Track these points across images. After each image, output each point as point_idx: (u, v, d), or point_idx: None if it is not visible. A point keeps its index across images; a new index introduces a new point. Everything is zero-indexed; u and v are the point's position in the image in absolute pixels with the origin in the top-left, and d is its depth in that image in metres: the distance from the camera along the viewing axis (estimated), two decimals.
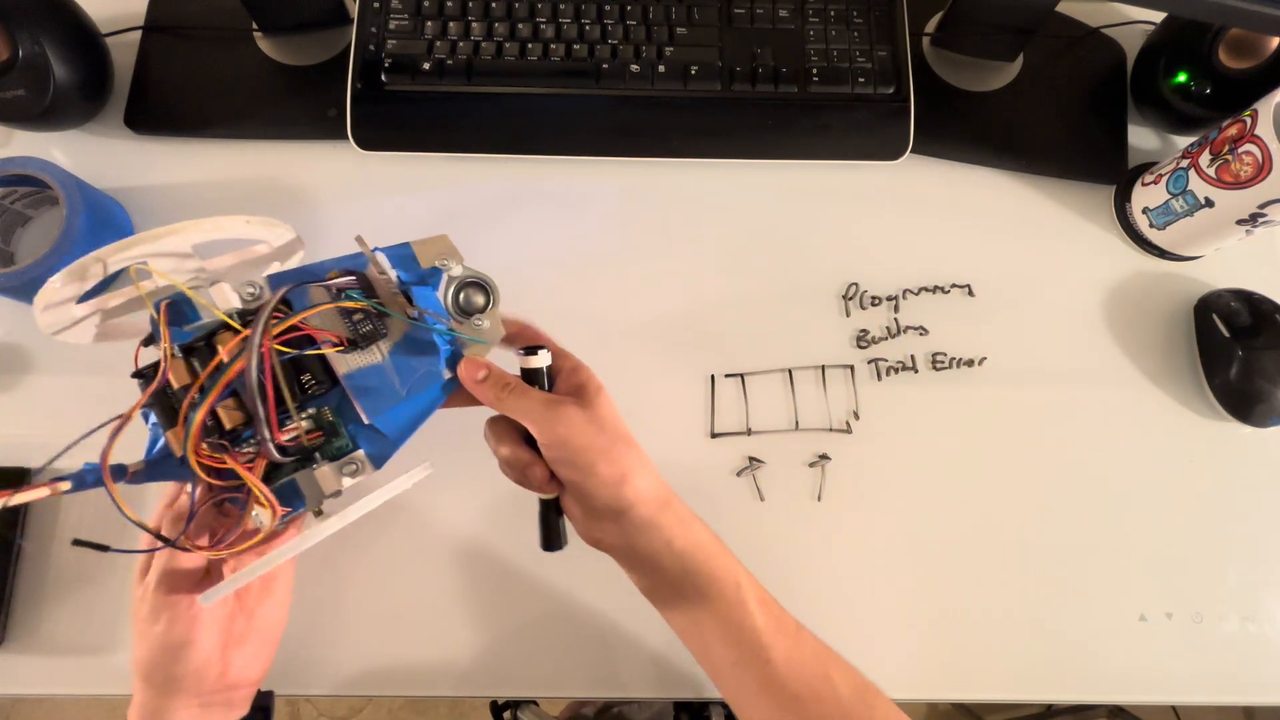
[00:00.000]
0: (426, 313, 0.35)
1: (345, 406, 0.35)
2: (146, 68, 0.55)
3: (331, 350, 0.34)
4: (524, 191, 0.54)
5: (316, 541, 0.33)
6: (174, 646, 0.36)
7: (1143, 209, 0.53)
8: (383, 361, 0.35)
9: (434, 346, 0.36)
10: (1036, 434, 0.50)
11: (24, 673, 0.44)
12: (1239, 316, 0.50)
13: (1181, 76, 0.53)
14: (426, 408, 0.37)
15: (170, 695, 0.36)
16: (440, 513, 0.47)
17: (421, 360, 0.35)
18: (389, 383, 0.35)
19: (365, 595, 0.45)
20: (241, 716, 0.38)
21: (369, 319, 0.35)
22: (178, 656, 0.36)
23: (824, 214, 0.54)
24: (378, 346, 0.35)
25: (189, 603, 0.36)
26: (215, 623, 0.37)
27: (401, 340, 0.35)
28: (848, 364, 0.51)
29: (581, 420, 0.35)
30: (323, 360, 0.35)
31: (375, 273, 0.36)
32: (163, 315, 0.33)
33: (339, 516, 0.33)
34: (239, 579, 0.33)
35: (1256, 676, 0.46)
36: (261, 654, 0.40)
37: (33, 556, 0.45)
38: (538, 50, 0.53)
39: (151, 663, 0.36)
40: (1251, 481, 0.50)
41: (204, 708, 0.37)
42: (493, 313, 0.37)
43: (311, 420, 0.34)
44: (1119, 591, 0.47)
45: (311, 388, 0.34)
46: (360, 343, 0.35)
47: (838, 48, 0.55)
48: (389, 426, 0.35)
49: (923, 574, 0.47)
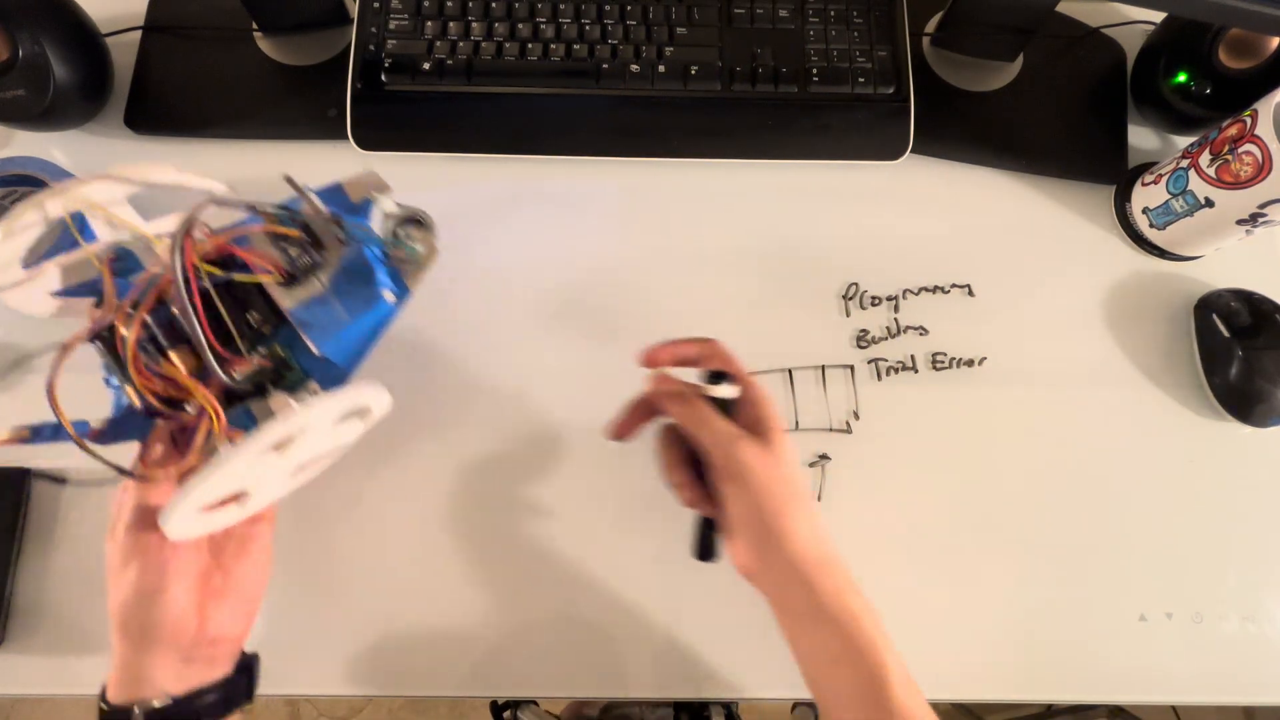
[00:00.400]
0: (360, 226, 0.36)
1: (295, 342, 0.36)
2: (146, 68, 0.55)
3: (268, 279, 0.35)
4: (524, 191, 0.54)
5: (267, 443, 0.32)
6: (147, 592, 0.36)
7: (1143, 209, 0.53)
8: (324, 291, 0.36)
9: (370, 268, 0.36)
10: (1036, 434, 0.50)
11: (24, 673, 0.44)
12: (1239, 316, 0.50)
13: (1181, 76, 0.53)
14: (372, 332, 0.37)
15: (148, 648, 0.35)
16: (440, 513, 0.47)
17: (361, 284, 0.36)
18: (333, 311, 0.35)
19: (365, 595, 0.45)
20: (225, 675, 0.38)
21: (305, 251, 0.35)
22: (152, 603, 0.35)
23: (824, 214, 0.54)
24: (317, 278, 0.36)
25: (159, 544, 0.36)
26: (189, 573, 0.37)
27: (340, 270, 0.36)
28: (848, 364, 0.51)
29: (762, 461, 0.36)
30: (268, 301, 0.35)
31: (310, 211, 0.36)
32: (105, 266, 0.34)
33: (282, 416, 0.32)
34: (191, 488, 0.32)
35: (1256, 676, 0.46)
36: (241, 612, 0.39)
37: (32, 556, 0.45)
38: (538, 50, 0.53)
39: (126, 611, 0.36)
40: (1251, 481, 0.50)
41: (185, 663, 0.36)
42: (425, 237, 0.38)
43: (263, 357, 0.35)
44: (1119, 591, 0.47)
45: (259, 325, 0.35)
46: (299, 275, 0.35)
47: (838, 48, 0.55)
48: (338, 354, 0.36)
49: (922, 574, 0.47)
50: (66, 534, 0.46)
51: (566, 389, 0.49)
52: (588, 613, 0.46)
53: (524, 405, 0.49)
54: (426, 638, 0.45)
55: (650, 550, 0.47)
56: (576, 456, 0.48)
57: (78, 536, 0.46)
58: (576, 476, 0.48)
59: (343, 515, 0.47)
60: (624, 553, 0.47)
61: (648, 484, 0.48)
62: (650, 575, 0.46)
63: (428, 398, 0.49)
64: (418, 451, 0.48)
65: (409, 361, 0.50)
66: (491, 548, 0.47)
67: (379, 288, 0.36)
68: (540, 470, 0.48)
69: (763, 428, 0.37)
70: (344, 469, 0.47)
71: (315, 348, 0.35)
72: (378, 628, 0.45)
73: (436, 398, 0.49)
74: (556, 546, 0.46)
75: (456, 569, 0.46)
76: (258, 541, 0.40)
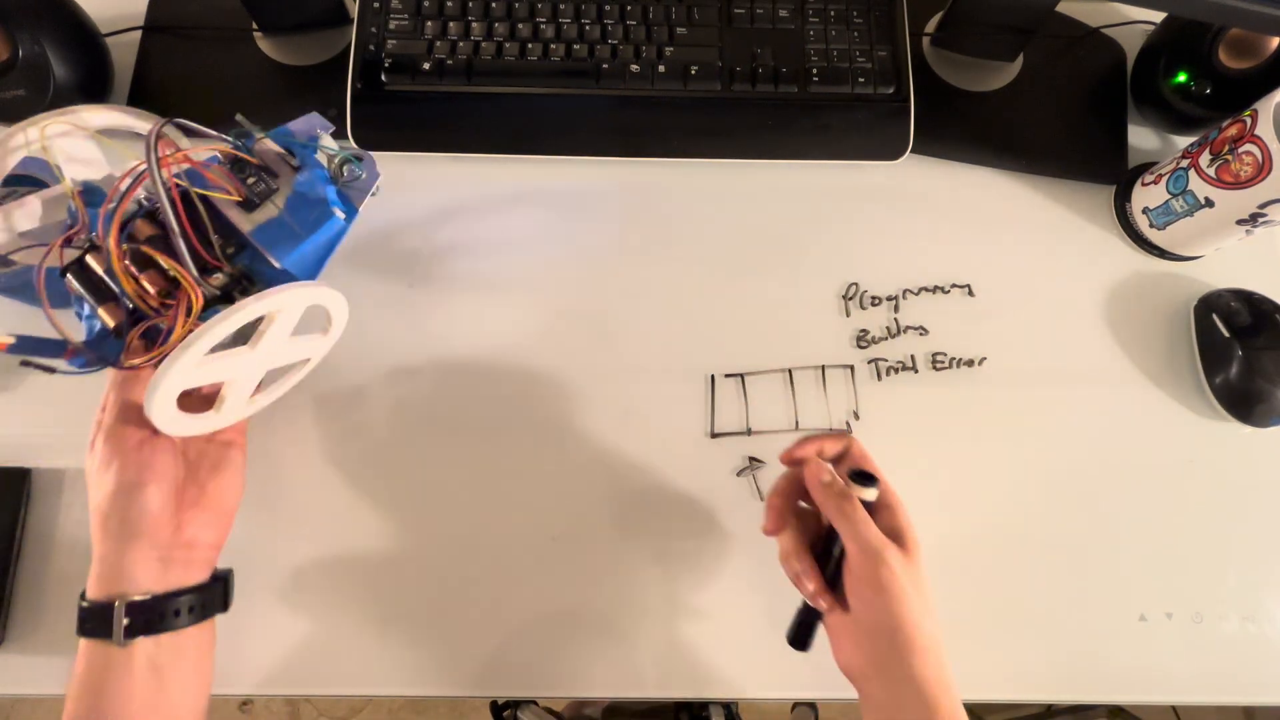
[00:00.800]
0: (308, 157, 0.40)
1: (257, 260, 0.40)
2: (146, 68, 0.55)
3: (226, 198, 0.39)
4: (524, 191, 0.54)
5: (241, 319, 0.35)
6: (126, 487, 0.38)
7: (1143, 209, 0.53)
8: (280, 214, 0.40)
9: (322, 190, 0.40)
10: (1037, 434, 0.50)
11: (24, 673, 0.44)
12: (1239, 316, 0.50)
13: (1181, 76, 0.53)
14: (327, 246, 0.42)
15: (127, 541, 0.37)
16: (440, 513, 0.47)
17: (314, 204, 0.40)
18: (289, 229, 0.39)
19: (365, 594, 0.45)
20: (200, 582, 0.39)
21: (260, 179, 0.40)
22: (131, 498, 0.37)
23: (824, 214, 0.54)
24: (273, 202, 0.40)
25: (139, 443, 0.38)
26: (166, 475, 0.39)
27: (292, 194, 0.40)
28: (848, 364, 0.51)
29: (908, 576, 0.36)
30: (230, 227, 0.39)
31: (261, 147, 0.41)
32: (77, 196, 0.38)
33: (255, 297, 0.36)
34: (172, 362, 0.34)
35: (1256, 676, 0.46)
36: (215, 523, 0.41)
37: (33, 556, 0.45)
38: (538, 50, 0.53)
39: (107, 508, 0.38)
40: (1251, 481, 0.50)
41: (162, 562, 0.38)
42: (365, 165, 0.43)
43: (227, 275, 0.39)
44: (1119, 591, 0.47)
45: (221, 246, 0.39)
46: (255, 199, 0.39)
47: (838, 48, 0.55)
48: (297, 267, 0.40)
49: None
50: (66, 534, 0.46)
51: (566, 388, 0.49)
52: (588, 613, 0.46)
53: (523, 405, 0.49)
54: (426, 638, 0.45)
55: (650, 550, 0.47)
56: (577, 456, 0.48)
57: (77, 537, 0.46)
58: (577, 476, 0.48)
59: (343, 515, 0.47)
60: (624, 553, 0.47)
61: (648, 484, 0.48)
62: (650, 575, 0.46)
63: (426, 398, 0.49)
64: (416, 452, 0.48)
65: (408, 361, 0.50)
66: (491, 547, 0.47)
67: (330, 205, 0.41)
68: (540, 470, 0.48)
69: (903, 538, 0.38)
70: (344, 468, 0.47)
71: (275, 261, 0.39)
72: (378, 628, 0.45)
73: (434, 398, 0.49)
74: (556, 546, 0.46)
75: (457, 569, 0.46)
76: (231, 463, 0.42)
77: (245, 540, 0.46)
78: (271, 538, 0.46)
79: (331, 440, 0.48)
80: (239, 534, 0.46)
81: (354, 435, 0.48)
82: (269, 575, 0.45)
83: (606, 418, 0.49)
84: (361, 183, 0.42)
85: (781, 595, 0.46)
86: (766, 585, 0.46)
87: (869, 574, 0.36)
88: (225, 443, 0.43)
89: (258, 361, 0.40)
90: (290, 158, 0.40)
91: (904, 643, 0.35)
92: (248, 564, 0.45)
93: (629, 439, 0.49)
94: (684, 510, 0.48)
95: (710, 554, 0.47)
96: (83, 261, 0.37)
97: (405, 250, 0.52)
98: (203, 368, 0.36)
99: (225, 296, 0.38)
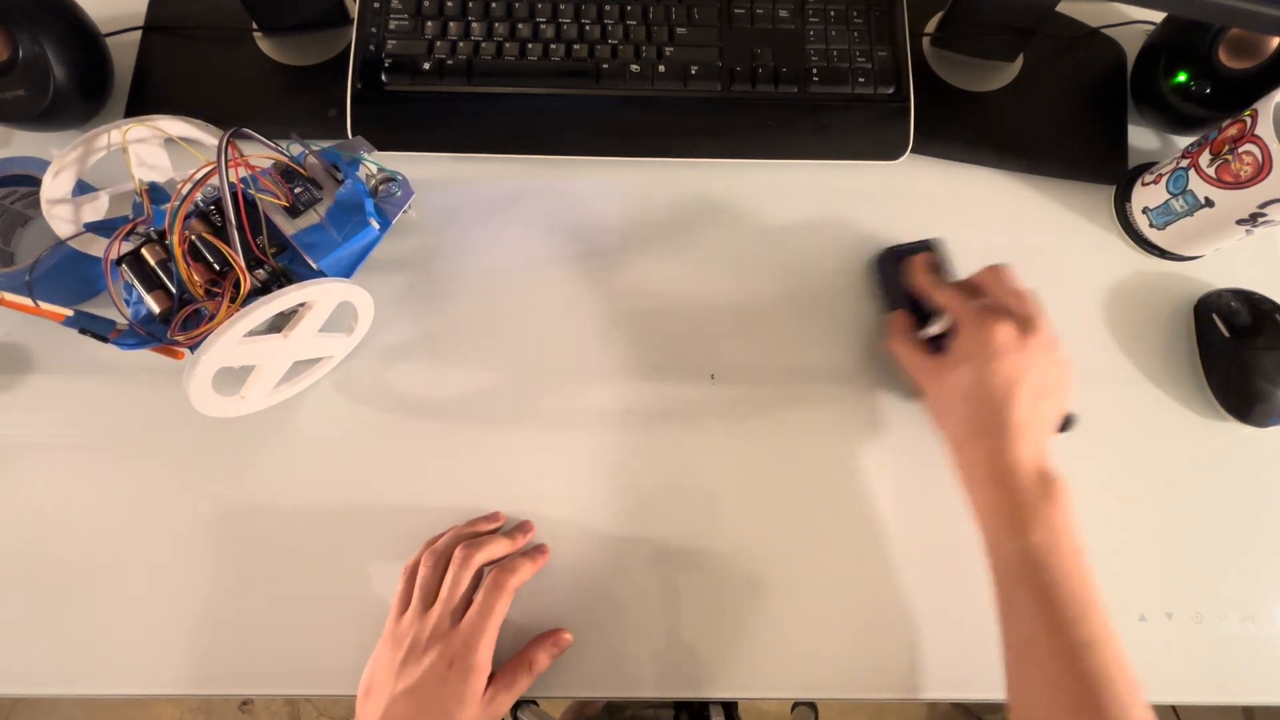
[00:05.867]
0: (352, 173, 0.44)
1: (295, 262, 0.43)
2: (146, 68, 0.55)
3: (274, 201, 0.43)
4: (524, 191, 0.54)
5: (278, 306, 0.39)
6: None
7: (1143, 209, 0.53)
8: (321, 221, 0.43)
9: (361, 201, 0.44)
10: None
11: (24, 673, 0.44)
12: (1239, 316, 0.50)
13: (1181, 76, 0.53)
14: (361, 251, 0.45)
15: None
16: (439, 512, 0.47)
17: (352, 213, 0.44)
18: (328, 235, 0.43)
19: (365, 594, 0.45)
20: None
21: (307, 189, 0.44)
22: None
23: (824, 214, 0.54)
24: (315, 210, 0.44)
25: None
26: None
27: (334, 204, 0.44)
28: (848, 364, 0.51)
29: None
30: (275, 232, 0.43)
31: (310, 160, 0.45)
32: (144, 193, 0.42)
33: (294, 286, 0.39)
34: (219, 335, 0.37)
35: (1256, 676, 0.46)
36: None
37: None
38: (538, 50, 0.53)
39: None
40: (1251, 481, 0.50)
41: None
42: (402, 184, 0.47)
43: (270, 271, 0.42)
44: (1119, 591, 0.47)
45: (266, 247, 0.42)
46: (300, 206, 0.43)
47: (838, 48, 0.55)
48: (332, 269, 0.44)
49: (922, 573, 0.47)
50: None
51: (566, 388, 0.49)
52: (588, 612, 0.46)
53: (523, 404, 0.49)
54: None
55: (650, 550, 0.47)
56: (577, 456, 0.48)
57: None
58: (577, 476, 0.48)
59: (342, 515, 0.47)
60: (624, 553, 0.47)
61: (648, 484, 0.48)
62: (650, 575, 0.46)
63: (426, 396, 0.49)
64: (419, 450, 0.48)
65: (408, 361, 0.50)
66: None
67: (367, 216, 0.44)
68: (540, 470, 0.48)
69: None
70: (344, 467, 0.47)
71: (313, 262, 0.43)
72: (378, 628, 0.45)
73: (434, 396, 0.49)
74: (556, 545, 0.46)
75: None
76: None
77: (245, 540, 0.46)
78: (271, 537, 0.46)
79: (331, 438, 0.48)
80: (239, 533, 0.46)
81: (353, 434, 0.48)
82: (269, 575, 0.45)
83: (606, 417, 0.49)
84: (397, 199, 0.46)
85: (782, 595, 0.46)
86: (767, 585, 0.46)
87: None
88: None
89: (288, 350, 0.43)
90: (336, 171, 0.44)
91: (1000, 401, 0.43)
92: (248, 563, 0.45)
93: (628, 438, 0.49)
94: (684, 510, 0.48)
95: (711, 554, 0.47)
96: (138, 253, 0.41)
97: (405, 250, 0.52)
98: (240, 347, 0.39)
99: (264, 289, 0.41)
